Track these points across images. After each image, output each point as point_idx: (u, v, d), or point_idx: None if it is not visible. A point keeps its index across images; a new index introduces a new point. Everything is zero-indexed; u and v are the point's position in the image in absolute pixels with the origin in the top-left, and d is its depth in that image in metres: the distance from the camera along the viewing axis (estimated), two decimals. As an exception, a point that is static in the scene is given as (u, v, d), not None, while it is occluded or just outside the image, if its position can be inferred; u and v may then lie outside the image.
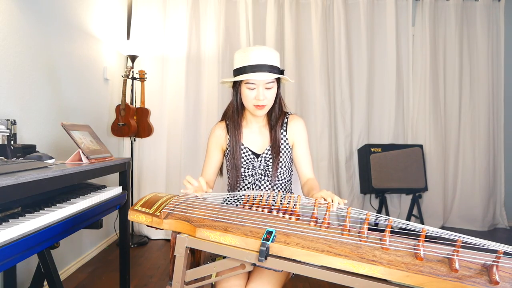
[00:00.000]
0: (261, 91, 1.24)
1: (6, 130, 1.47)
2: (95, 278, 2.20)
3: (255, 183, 1.36)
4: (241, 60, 1.26)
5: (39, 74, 1.92)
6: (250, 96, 1.26)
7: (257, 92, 1.25)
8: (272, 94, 1.28)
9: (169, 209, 0.93)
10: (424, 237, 0.75)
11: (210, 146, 1.41)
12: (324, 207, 0.94)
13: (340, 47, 3.22)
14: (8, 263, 0.84)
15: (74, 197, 1.29)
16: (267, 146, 1.35)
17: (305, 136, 1.39)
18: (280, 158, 1.34)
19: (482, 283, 0.66)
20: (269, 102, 1.28)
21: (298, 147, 1.37)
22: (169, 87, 3.09)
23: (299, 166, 1.38)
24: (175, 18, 3.08)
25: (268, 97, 1.26)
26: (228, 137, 1.37)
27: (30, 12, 1.83)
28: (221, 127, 1.40)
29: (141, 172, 3.11)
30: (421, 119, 3.33)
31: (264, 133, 1.38)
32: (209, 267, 0.88)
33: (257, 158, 1.35)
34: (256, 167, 1.35)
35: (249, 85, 1.25)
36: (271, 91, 1.27)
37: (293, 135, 1.37)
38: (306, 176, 1.36)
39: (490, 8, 3.32)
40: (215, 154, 1.41)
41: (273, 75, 1.24)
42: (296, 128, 1.38)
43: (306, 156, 1.37)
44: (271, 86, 1.26)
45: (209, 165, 1.41)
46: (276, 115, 1.36)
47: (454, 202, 3.41)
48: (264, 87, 1.25)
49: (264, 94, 1.25)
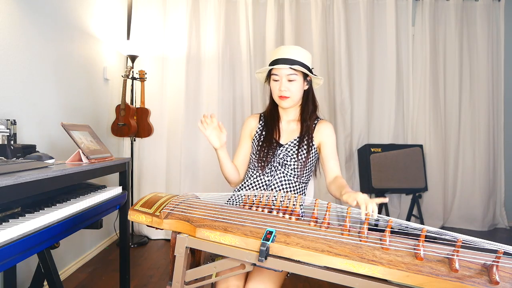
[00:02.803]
0: (284, 82, 1.33)
1: (6, 130, 1.47)
2: (95, 278, 2.20)
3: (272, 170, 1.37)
4: (272, 56, 1.38)
5: (39, 74, 1.92)
6: (275, 88, 1.36)
7: (280, 83, 1.34)
8: (296, 87, 1.34)
9: (169, 209, 0.93)
10: (424, 237, 0.75)
11: (242, 134, 1.49)
12: (324, 207, 0.94)
13: (340, 47, 3.22)
14: (8, 263, 0.84)
15: (74, 197, 1.29)
16: (291, 139, 1.39)
17: (334, 139, 1.42)
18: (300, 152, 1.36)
19: (482, 283, 0.66)
20: (292, 94, 1.34)
21: (326, 146, 1.40)
22: (169, 87, 3.09)
23: (327, 164, 1.38)
24: (175, 18, 3.08)
25: (291, 89, 1.33)
26: (258, 125, 1.46)
27: (30, 12, 1.83)
28: (254, 117, 1.50)
29: (141, 172, 3.10)
30: (421, 119, 3.33)
31: (293, 126, 1.43)
32: (209, 267, 0.88)
33: (279, 148, 1.38)
34: (276, 156, 1.37)
35: (274, 77, 1.35)
36: (294, 84, 1.33)
37: (320, 137, 1.40)
38: (333, 173, 1.36)
39: (490, 8, 3.32)
40: (245, 142, 1.47)
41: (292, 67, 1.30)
42: (324, 130, 1.41)
43: (334, 156, 1.40)
44: (294, 78, 1.32)
45: (238, 152, 1.47)
46: (309, 111, 1.41)
47: (454, 202, 3.41)
48: (287, 79, 1.33)
49: (286, 85, 1.33)
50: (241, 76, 3.16)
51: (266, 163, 1.37)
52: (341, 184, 1.26)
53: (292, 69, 1.32)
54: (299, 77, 1.33)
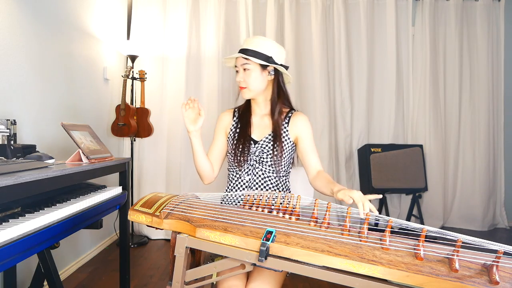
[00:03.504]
0: (241, 73, 1.32)
1: (6, 130, 1.47)
2: (95, 278, 2.20)
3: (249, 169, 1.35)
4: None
5: (39, 74, 1.92)
6: (236, 79, 1.34)
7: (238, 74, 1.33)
8: (252, 77, 1.30)
9: (169, 209, 0.93)
10: (424, 237, 0.75)
11: (216, 131, 1.46)
12: (324, 207, 0.94)
13: (340, 47, 3.22)
14: (8, 263, 0.84)
15: (74, 197, 1.29)
16: (266, 134, 1.36)
17: (310, 131, 1.39)
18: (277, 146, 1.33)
19: (482, 283, 0.66)
20: (248, 84, 1.31)
21: (304, 140, 1.36)
22: (169, 87, 3.09)
23: (307, 159, 1.36)
24: (175, 18, 3.09)
25: (246, 79, 1.31)
26: (233, 121, 1.43)
27: (30, 12, 1.83)
28: (227, 112, 1.48)
29: (141, 172, 3.10)
30: (421, 119, 3.33)
31: (266, 122, 1.39)
32: (209, 267, 0.88)
33: (254, 145, 1.35)
34: (252, 153, 1.35)
35: (236, 68, 1.35)
36: (249, 74, 1.30)
37: (296, 130, 1.37)
38: (315, 168, 1.34)
39: (490, 8, 3.32)
40: (219, 139, 1.44)
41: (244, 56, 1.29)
42: (300, 123, 1.38)
43: (313, 149, 1.37)
44: (248, 67, 1.30)
45: (213, 148, 1.44)
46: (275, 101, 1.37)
47: (454, 202, 3.41)
48: (242, 69, 1.31)
49: (242, 75, 1.32)
50: (241, 76, 3.16)
51: (242, 162, 1.34)
52: (328, 179, 1.24)
53: (244, 58, 1.29)
54: (253, 66, 1.29)
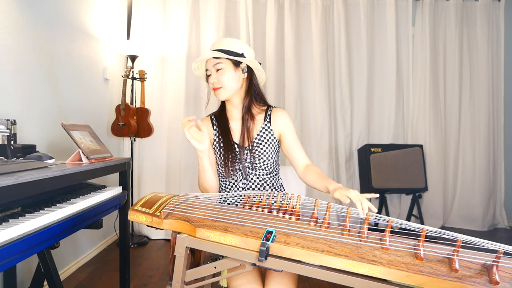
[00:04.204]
0: (213, 74, 1.30)
1: (6, 130, 1.47)
2: (95, 278, 2.20)
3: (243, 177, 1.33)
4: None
5: (39, 74, 1.92)
6: (210, 82, 1.32)
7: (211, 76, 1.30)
8: (226, 76, 1.28)
9: (169, 209, 0.93)
10: (424, 237, 0.75)
11: None
12: (324, 207, 0.94)
13: (340, 47, 3.22)
14: (8, 263, 0.84)
15: (74, 197, 1.29)
16: (252, 138, 1.34)
17: (292, 126, 1.38)
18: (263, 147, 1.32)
19: (482, 283, 0.66)
20: (223, 84, 1.28)
21: (288, 136, 1.36)
22: (169, 87, 3.09)
23: (293, 154, 1.35)
24: (175, 18, 3.09)
25: (219, 79, 1.28)
26: (214, 130, 1.39)
27: (30, 13, 1.83)
28: (207, 122, 1.43)
29: (141, 172, 3.10)
30: (421, 119, 3.33)
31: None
32: (209, 267, 0.88)
33: (243, 151, 1.32)
34: (243, 160, 1.32)
35: (207, 72, 1.32)
36: (222, 73, 1.28)
37: (278, 126, 1.36)
38: (302, 163, 1.34)
39: (490, 8, 3.32)
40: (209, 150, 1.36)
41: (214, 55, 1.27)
42: (280, 119, 1.36)
43: (298, 143, 1.36)
44: (220, 67, 1.28)
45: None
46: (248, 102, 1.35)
47: (454, 202, 3.41)
48: (215, 69, 1.29)
49: (215, 76, 1.29)
50: (241, 76, 3.16)
51: (234, 170, 1.31)
52: (319, 174, 1.24)
53: (215, 58, 1.27)
54: (226, 64, 1.28)
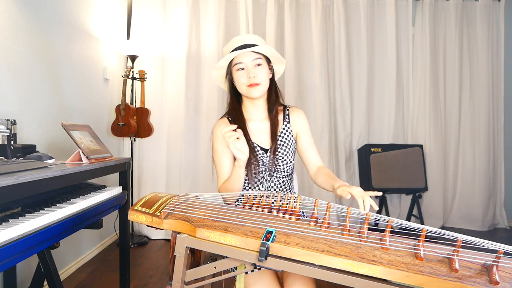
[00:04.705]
0: (251, 69, 1.23)
1: (6, 130, 1.47)
2: (95, 278, 2.20)
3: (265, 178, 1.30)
4: (227, 49, 1.30)
5: (39, 74, 1.92)
6: (242, 78, 1.24)
7: (247, 71, 1.23)
8: (264, 73, 1.25)
9: (169, 209, 0.93)
10: (424, 237, 0.75)
11: (219, 146, 1.29)
12: (324, 207, 0.94)
13: (340, 47, 3.22)
14: (8, 263, 0.84)
15: (74, 197, 1.29)
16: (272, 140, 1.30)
17: (308, 126, 1.36)
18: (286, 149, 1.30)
19: (482, 283, 0.66)
20: (261, 80, 1.24)
21: (304, 136, 1.34)
22: (169, 87, 3.09)
23: (306, 156, 1.34)
24: (175, 18, 3.08)
25: (259, 75, 1.23)
26: None
27: (30, 13, 1.83)
28: (223, 124, 1.32)
29: (141, 172, 3.10)
30: (421, 119, 3.33)
31: (268, 126, 1.32)
32: (209, 267, 0.88)
33: (266, 154, 1.29)
34: (266, 163, 1.28)
35: (238, 65, 1.24)
36: (261, 69, 1.24)
37: (296, 126, 1.34)
38: (315, 164, 1.32)
39: (490, 8, 3.32)
40: (226, 153, 1.28)
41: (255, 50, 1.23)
42: (298, 118, 1.35)
43: (312, 145, 1.34)
44: (260, 62, 1.24)
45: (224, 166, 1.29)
46: (273, 101, 1.32)
47: (454, 202, 3.41)
48: (253, 65, 1.23)
49: (254, 71, 1.23)
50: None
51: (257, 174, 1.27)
52: (329, 175, 1.22)
53: (256, 53, 1.23)
54: (264, 61, 1.25)
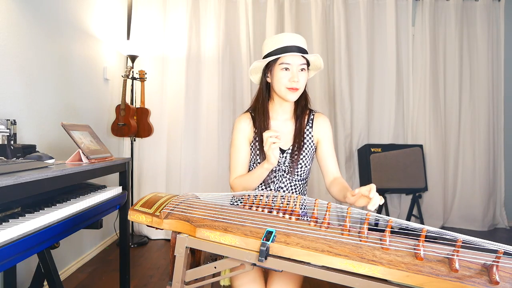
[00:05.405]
0: (296, 72, 1.20)
1: (6, 130, 1.47)
2: (95, 278, 2.20)
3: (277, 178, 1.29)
4: (273, 44, 1.23)
5: (39, 74, 1.92)
6: (284, 78, 1.21)
7: (291, 73, 1.20)
8: (305, 79, 1.24)
9: (169, 209, 0.93)
10: (424, 237, 0.75)
11: (237, 140, 1.31)
12: (324, 207, 0.94)
13: (340, 47, 3.22)
14: (8, 263, 0.84)
15: (74, 197, 1.29)
16: (292, 142, 1.29)
17: (331, 134, 1.34)
18: (303, 153, 1.28)
19: (482, 283, 0.66)
20: (302, 86, 1.23)
21: (325, 144, 1.31)
22: (169, 87, 3.09)
23: (325, 163, 1.31)
24: (175, 18, 3.08)
25: (301, 80, 1.22)
26: (254, 128, 1.30)
27: (30, 13, 1.83)
28: (246, 119, 1.32)
29: (141, 172, 3.10)
30: (421, 119, 3.33)
31: (290, 127, 1.31)
32: (209, 267, 0.88)
33: (282, 154, 1.27)
34: (281, 163, 1.27)
35: (284, 65, 1.20)
36: (304, 75, 1.23)
37: (318, 132, 1.32)
38: (333, 174, 1.30)
39: (490, 8, 3.32)
40: (244, 148, 1.30)
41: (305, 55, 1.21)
42: (322, 125, 1.33)
43: (333, 154, 1.32)
44: (305, 68, 1.23)
45: (240, 160, 1.30)
46: (302, 106, 1.31)
47: (454, 202, 3.42)
48: (299, 69, 1.21)
49: (299, 76, 1.21)
50: (241, 76, 3.16)
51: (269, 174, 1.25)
52: (344, 186, 1.20)
53: (304, 58, 1.21)
54: (306, 66, 1.24)
